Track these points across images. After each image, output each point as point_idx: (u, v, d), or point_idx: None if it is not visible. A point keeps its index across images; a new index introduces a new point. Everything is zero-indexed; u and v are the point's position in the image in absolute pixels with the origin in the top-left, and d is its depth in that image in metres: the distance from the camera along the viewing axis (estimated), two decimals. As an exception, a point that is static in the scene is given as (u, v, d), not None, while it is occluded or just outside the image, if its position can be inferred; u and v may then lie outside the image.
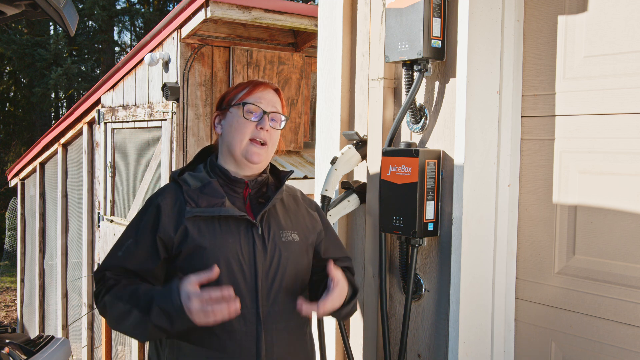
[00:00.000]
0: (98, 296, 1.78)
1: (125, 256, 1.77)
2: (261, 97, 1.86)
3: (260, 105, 1.85)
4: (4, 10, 2.25)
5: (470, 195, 2.07)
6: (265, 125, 1.83)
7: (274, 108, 1.88)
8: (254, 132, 1.83)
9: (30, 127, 17.38)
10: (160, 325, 1.62)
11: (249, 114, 1.84)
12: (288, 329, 1.82)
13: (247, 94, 1.87)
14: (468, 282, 2.08)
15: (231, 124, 1.86)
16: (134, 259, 1.76)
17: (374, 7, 2.42)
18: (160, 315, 1.61)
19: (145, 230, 1.77)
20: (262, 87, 1.89)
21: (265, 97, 1.87)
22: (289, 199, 1.95)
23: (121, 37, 23.51)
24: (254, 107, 1.84)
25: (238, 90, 1.90)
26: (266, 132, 1.84)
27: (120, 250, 1.79)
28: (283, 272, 1.81)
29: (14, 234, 11.05)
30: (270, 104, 1.87)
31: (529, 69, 2.13)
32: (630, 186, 1.87)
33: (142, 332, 1.67)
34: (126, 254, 1.78)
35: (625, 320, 1.89)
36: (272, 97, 1.89)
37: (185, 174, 1.87)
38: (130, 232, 1.81)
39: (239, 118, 1.84)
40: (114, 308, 1.70)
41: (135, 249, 1.77)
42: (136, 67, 5.73)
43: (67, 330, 7.70)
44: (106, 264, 1.80)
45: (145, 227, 1.78)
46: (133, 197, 5.90)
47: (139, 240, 1.77)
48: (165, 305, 1.60)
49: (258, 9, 4.73)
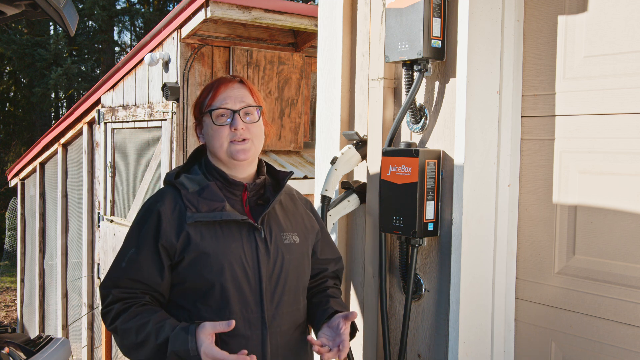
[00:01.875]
0: (107, 316, 1.75)
1: (128, 267, 1.74)
2: (226, 97, 1.81)
3: (227, 106, 1.80)
4: (4, 10, 2.25)
5: (470, 195, 2.07)
6: (239, 124, 1.79)
7: (243, 102, 1.82)
8: (231, 134, 1.80)
9: (30, 127, 17.38)
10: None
11: (219, 119, 1.80)
12: (291, 331, 1.82)
13: (211, 98, 1.82)
14: (468, 282, 2.08)
15: (207, 132, 1.83)
16: (138, 269, 1.73)
17: (374, 7, 2.42)
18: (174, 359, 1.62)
19: (146, 239, 1.74)
20: (224, 85, 1.84)
21: (230, 95, 1.82)
22: (286, 199, 1.94)
23: (121, 37, 23.53)
24: (222, 110, 1.80)
25: (204, 96, 1.86)
26: (242, 130, 1.80)
27: (124, 261, 1.75)
28: (286, 275, 1.81)
29: (14, 234, 11.05)
30: (238, 100, 1.82)
31: (529, 69, 2.13)
32: (630, 186, 1.87)
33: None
34: (130, 264, 1.74)
35: (625, 320, 1.89)
36: (239, 92, 1.83)
37: (182, 176, 1.84)
38: (131, 241, 1.78)
39: (212, 125, 1.81)
40: (125, 339, 1.69)
41: (139, 258, 1.73)
42: (136, 67, 5.73)
43: (67, 330, 7.70)
44: (111, 278, 1.76)
45: (147, 235, 1.74)
46: (133, 197, 5.91)
47: (142, 249, 1.74)
48: (180, 352, 1.60)
49: (258, 9, 4.73)
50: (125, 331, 1.69)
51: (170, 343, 1.61)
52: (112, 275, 1.76)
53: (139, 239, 1.76)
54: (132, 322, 1.68)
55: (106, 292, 1.76)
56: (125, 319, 1.69)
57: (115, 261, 1.78)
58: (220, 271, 1.71)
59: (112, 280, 1.76)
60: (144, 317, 1.69)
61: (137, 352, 1.68)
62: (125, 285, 1.74)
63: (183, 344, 1.60)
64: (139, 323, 1.67)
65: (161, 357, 1.63)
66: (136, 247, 1.75)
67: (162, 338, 1.63)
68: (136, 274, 1.73)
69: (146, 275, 1.73)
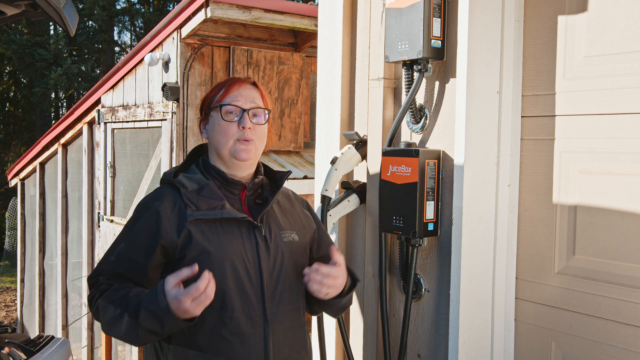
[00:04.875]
0: (91, 301, 1.76)
1: (117, 260, 1.75)
2: (238, 95, 1.83)
3: (237, 104, 1.81)
4: (4, 10, 2.25)
5: (470, 195, 2.07)
6: (247, 123, 1.80)
7: (254, 103, 1.84)
8: (238, 132, 1.80)
9: (30, 127, 17.39)
10: (150, 329, 1.60)
11: (228, 115, 1.81)
12: (292, 328, 1.83)
13: (223, 95, 1.84)
14: (468, 282, 2.08)
15: (214, 128, 1.84)
16: (126, 263, 1.74)
17: (374, 7, 2.42)
18: (148, 319, 1.59)
19: (139, 235, 1.75)
20: (237, 84, 1.85)
21: (242, 94, 1.83)
22: (283, 199, 1.95)
23: (121, 37, 23.52)
24: (232, 107, 1.81)
25: (215, 92, 1.87)
26: (249, 129, 1.81)
27: (113, 255, 1.77)
28: (286, 272, 1.81)
29: (14, 234, 11.05)
30: (248, 100, 1.83)
31: (529, 69, 2.13)
32: (630, 186, 1.87)
33: (133, 336, 1.64)
34: (118, 258, 1.75)
35: (625, 320, 1.89)
36: (250, 93, 1.85)
37: (180, 175, 1.84)
38: (122, 236, 1.79)
39: (220, 121, 1.81)
40: (106, 313, 1.68)
41: (128, 253, 1.75)
42: (136, 67, 5.73)
43: (67, 330, 7.70)
44: (99, 269, 1.78)
45: (140, 232, 1.75)
46: (133, 197, 5.91)
47: (132, 244, 1.75)
48: (152, 308, 1.58)
49: (258, 9, 4.73)
50: (104, 307, 1.68)
51: (142, 302, 1.61)
52: (100, 268, 1.78)
53: (130, 234, 1.77)
54: (111, 297, 1.68)
55: (93, 280, 1.77)
56: (106, 295, 1.70)
57: (106, 255, 1.80)
58: (222, 269, 1.71)
59: (99, 272, 1.77)
60: (124, 291, 1.69)
61: (116, 325, 1.66)
62: (111, 277, 1.76)
63: (152, 298, 1.59)
64: (118, 295, 1.67)
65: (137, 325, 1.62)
66: (126, 242, 1.76)
67: (137, 302, 1.62)
68: (124, 268, 1.74)
69: (134, 268, 1.74)
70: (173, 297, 1.56)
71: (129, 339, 1.66)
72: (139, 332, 1.61)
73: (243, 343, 1.71)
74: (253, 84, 1.89)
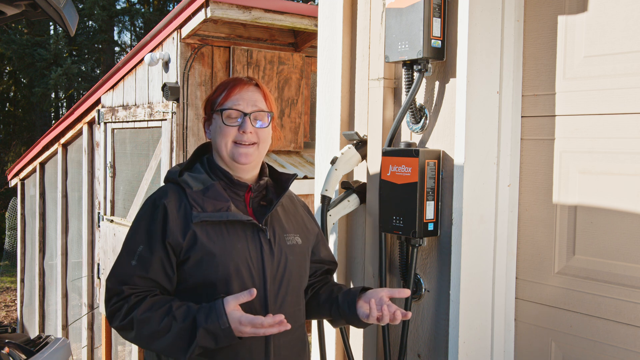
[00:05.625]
0: (117, 312, 1.70)
1: (140, 265, 1.71)
2: (239, 99, 1.80)
3: (239, 108, 1.79)
4: (4, 10, 2.26)
5: (470, 195, 2.07)
6: (247, 128, 1.78)
7: (255, 107, 1.81)
8: (237, 136, 1.79)
9: (30, 127, 17.38)
10: (205, 346, 1.63)
11: (229, 120, 1.79)
12: (293, 331, 1.83)
13: (225, 97, 1.81)
14: (468, 282, 2.08)
15: (215, 130, 1.83)
16: (150, 267, 1.70)
17: (374, 7, 2.42)
18: (206, 337, 1.61)
19: (156, 236, 1.71)
20: (239, 87, 1.83)
21: (244, 97, 1.81)
22: (286, 201, 1.95)
23: (121, 37, 23.53)
24: (233, 111, 1.79)
25: (217, 94, 1.85)
26: (250, 134, 1.79)
27: (134, 259, 1.72)
28: (289, 276, 1.81)
29: (14, 234, 11.05)
30: (250, 104, 1.81)
31: (529, 69, 2.13)
32: (630, 186, 1.87)
33: (181, 350, 1.64)
34: (141, 262, 1.71)
35: (625, 320, 1.89)
36: (252, 95, 1.82)
37: (185, 174, 1.82)
38: (140, 237, 1.74)
39: (221, 124, 1.80)
40: (145, 328, 1.65)
41: (151, 257, 1.70)
42: (136, 67, 5.73)
43: (67, 330, 7.70)
44: (120, 275, 1.72)
45: (156, 233, 1.72)
46: (133, 197, 5.91)
47: (152, 247, 1.71)
48: (212, 328, 1.60)
49: (258, 9, 4.73)
50: (143, 320, 1.66)
51: (199, 320, 1.61)
52: (121, 272, 1.73)
53: (148, 235, 1.73)
54: (150, 311, 1.66)
55: (118, 288, 1.71)
56: (142, 309, 1.67)
57: (124, 257, 1.74)
58: (226, 272, 1.70)
59: (122, 277, 1.72)
60: (162, 304, 1.67)
61: (158, 339, 1.65)
62: (135, 283, 1.71)
63: (212, 319, 1.60)
64: (158, 310, 1.66)
65: (184, 340, 1.62)
66: (147, 245, 1.72)
67: (188, 319, 1.63)
68: (148, 272, 1.70)
69: (157, 273, 1.71)
70: (236, 319, 1.59)
71: (175, 352, 1.66)
72: (192, 347, 1.62)
73: (244, 344, 1.71)
74: (256, 85, 1.86)
